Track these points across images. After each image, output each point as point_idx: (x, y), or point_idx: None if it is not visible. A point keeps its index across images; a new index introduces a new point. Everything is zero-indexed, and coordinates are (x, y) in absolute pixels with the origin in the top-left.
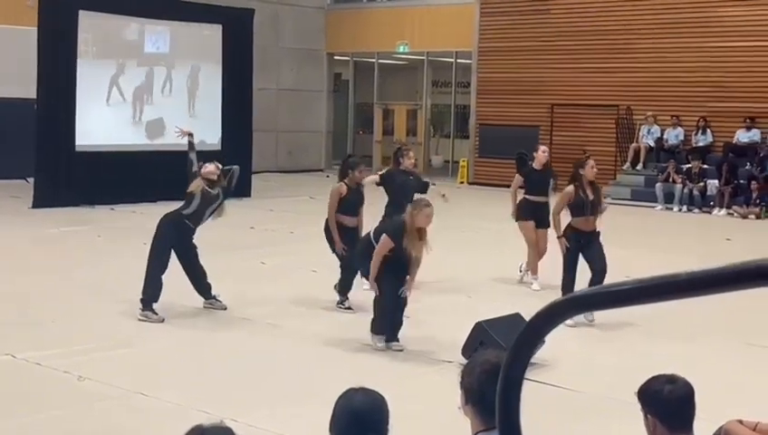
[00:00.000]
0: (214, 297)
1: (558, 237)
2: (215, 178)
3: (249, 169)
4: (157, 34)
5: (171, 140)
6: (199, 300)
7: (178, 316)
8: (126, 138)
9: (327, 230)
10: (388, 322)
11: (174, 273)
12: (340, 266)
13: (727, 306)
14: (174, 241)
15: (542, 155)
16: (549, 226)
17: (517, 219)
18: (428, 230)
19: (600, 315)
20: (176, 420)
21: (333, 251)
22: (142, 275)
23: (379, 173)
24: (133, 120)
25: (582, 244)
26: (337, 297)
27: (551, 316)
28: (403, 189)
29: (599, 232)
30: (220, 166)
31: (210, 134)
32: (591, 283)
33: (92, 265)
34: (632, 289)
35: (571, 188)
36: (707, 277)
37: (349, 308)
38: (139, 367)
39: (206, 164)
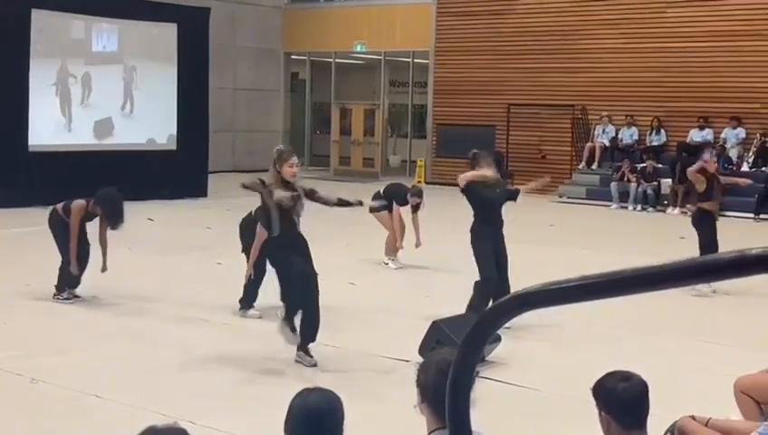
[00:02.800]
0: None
1: None
2: None
3: (205, 168)
4: (110, 33)
5: (120, 139)
6: (154, 299)
7: (132, 316)
8: (78, 138)
9: None
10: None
11: (135, 274)
12: None
13: (681, 305)
14: None
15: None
16: None
17: None
18: None
19: (559, 314)
20: (130, 422)
21: None
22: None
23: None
24: (84, 120)
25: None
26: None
27: (497, 315)
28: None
29: None
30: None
31: (165, 134)
32: None
33: (45, 266)
34: (578, 286)
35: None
36: (650, 274)
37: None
38: (93, 369)
39: None
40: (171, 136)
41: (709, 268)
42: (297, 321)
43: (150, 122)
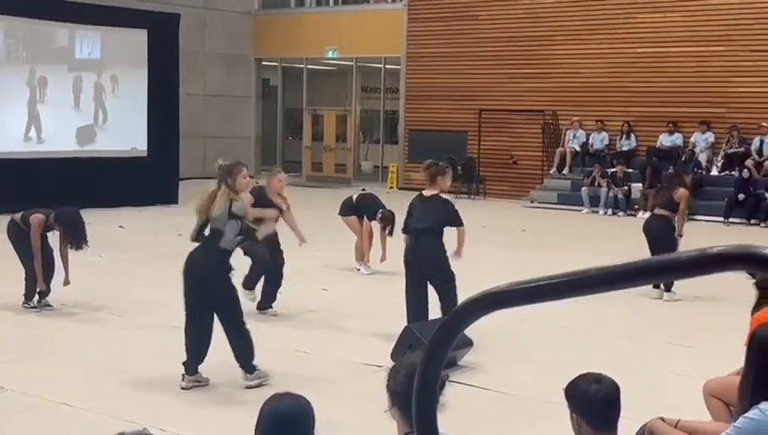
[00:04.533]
0: None
1: None
2: None
3: (176, 175)
4: (91, 40)
5: (100, 146)
6: (124, 306)
7: (102, 323)
8: (49, 145)
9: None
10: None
11: (106, 281)
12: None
13: (650, 308)
14: None
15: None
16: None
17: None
18: None
19: (529, 318)
20: (100, 430)
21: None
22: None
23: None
24: (64, 127)
25: None
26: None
27: (464, 316)
28: None
29: None
30: None
31: (136, 140)
32: None
33: (15, 274)
34: (545, 285)
35: None
36: (615, 273)
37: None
38: (63, 376)
39: None
40: (142, 143)
41: (671, 266)
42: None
43: (121, 129)
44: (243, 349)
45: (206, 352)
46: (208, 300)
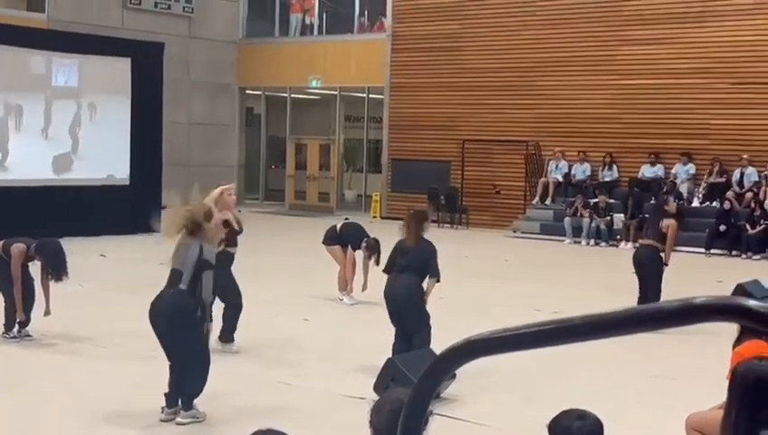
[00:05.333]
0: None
1: None
2: None
3: (159, 203)
4: (64, 67)
5: (79, 174)
6: (105, 336)
7: (82, 354)
8: (33, 173)
9: None
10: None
11: (86, 311)
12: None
13: (631, 342)
14: None
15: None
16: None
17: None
18: None
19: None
20: None
21: None
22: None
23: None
24: (41, 155)
25: None
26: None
27: (448, 362)
28: None
29: None
30: None
31: (114, 168)
32: None
33: None
34: (529, 333)
35: None
36: (599, 322)
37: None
38: (40, 408)
39: None
40: (125, 171)
41: (656, 316)
42: None
43: (104, 157)
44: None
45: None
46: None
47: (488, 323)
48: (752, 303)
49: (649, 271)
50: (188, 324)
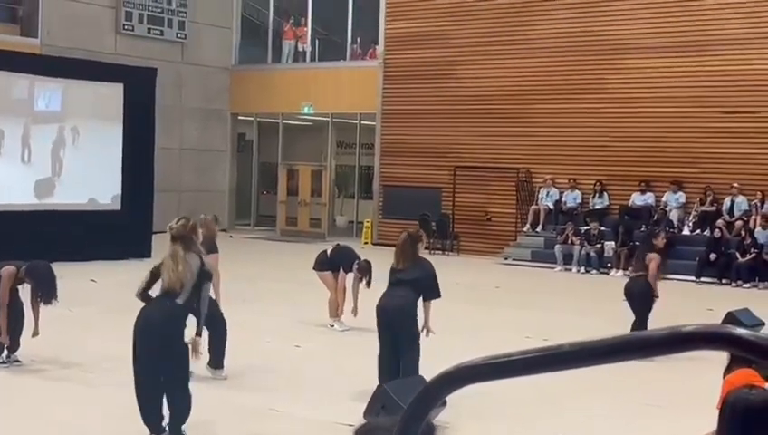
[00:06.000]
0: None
1: None
2: None
3: (150, 228)
4: (52, 92)
5: (61, 199)
6: (95, 362)
7: (76, 383)
8: (18, 197)
9: None
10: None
11: (76, 336)
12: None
13: (620, 368)
14: None
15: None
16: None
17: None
18: None
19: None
20: None
21: None
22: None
23: None
24: (24, 179)
25: None
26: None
27: (437, 390)
28: None
29: None
30: None
31: (108, 194)
32: None
33: None
34: (519, 360)
35: None
36: (588, 350)
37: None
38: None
39: None
40: (115, 196)
41: (645, 344)
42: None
43: (93, 182)
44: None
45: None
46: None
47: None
48: (741, 331)
49: (639, 302)
50: (182, 340)
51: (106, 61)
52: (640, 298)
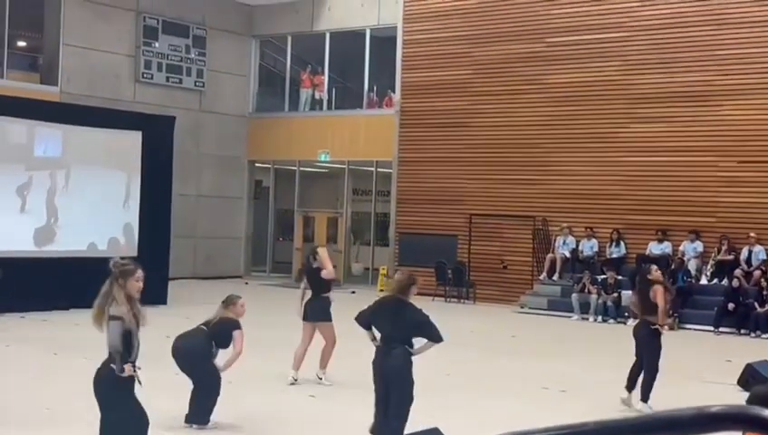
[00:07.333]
0: None
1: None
2: None
3: (166, 275)
4: (46, 137)
5: (62, 246)
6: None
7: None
8: (18, 244)
9: None
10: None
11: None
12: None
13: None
14: None
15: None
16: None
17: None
18: None
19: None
20: None
21: None
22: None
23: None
24: (30, 226)
25: None
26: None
27: None
28: None
29: None
30: None
31: (126, 239)
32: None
33: None
34: None
35: None
36: (612, 428)
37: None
38: None
39: None
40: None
41: (670, 424)
42: None
43: (99, 228)
44: None
45: None
46: None
47: (494, 400)
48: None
49: (645, 347)
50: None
51: (125, 109)
52: (645, 342)
